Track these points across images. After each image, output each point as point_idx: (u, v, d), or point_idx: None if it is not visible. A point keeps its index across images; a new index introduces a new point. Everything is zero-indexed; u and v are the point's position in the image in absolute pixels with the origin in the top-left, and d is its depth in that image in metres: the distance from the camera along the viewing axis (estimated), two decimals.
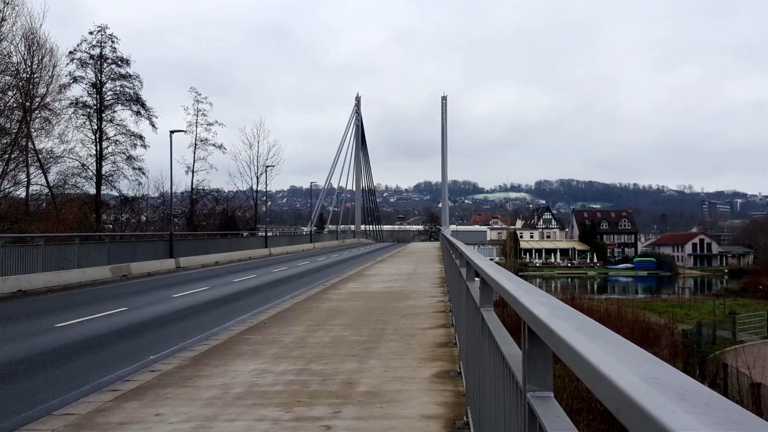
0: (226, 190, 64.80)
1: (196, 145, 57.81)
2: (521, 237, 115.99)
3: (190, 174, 57.60)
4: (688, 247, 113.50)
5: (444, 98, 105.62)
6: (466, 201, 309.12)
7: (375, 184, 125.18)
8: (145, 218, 54.44)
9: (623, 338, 1.33)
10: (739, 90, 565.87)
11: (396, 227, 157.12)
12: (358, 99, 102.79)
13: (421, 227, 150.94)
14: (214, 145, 58.41)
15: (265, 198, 68.73)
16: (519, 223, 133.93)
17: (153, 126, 48.53)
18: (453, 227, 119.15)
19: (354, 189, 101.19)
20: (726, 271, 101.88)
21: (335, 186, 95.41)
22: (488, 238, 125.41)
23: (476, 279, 4.70)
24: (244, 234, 51.72)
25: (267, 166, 60.98)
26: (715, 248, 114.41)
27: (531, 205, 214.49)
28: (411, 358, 8.75)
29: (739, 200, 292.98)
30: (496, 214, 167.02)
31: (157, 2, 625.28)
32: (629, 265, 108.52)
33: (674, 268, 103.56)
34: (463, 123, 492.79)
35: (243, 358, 9.03)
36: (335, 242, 72.92)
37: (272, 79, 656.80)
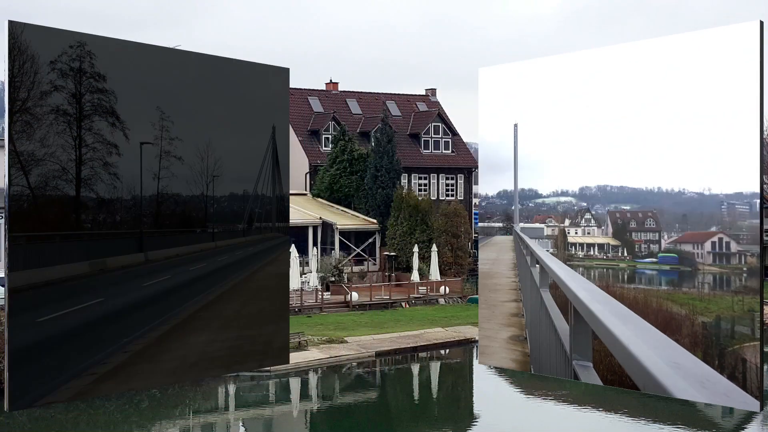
0: (184, 195, 66.14)
1: (161, 156, 58.91)
2: (569, 233, 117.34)
3: (157, 180, 58.76)
4: (708, 245, 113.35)
5: (516, 126, 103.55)
6: (530, 204, 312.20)
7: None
8: (119, 218, 55.45)
9: (650, 324, 1.65)
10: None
11: (486, 224, 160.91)
12: None
13: (501, 224, 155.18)
14: (174, 156, 59.53)
15: (212, 201, 69.93)
16: (567, 222, 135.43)
17: (126, 137, 49.18)
18: (521, 225, 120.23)
19: None
20: (745, 269, 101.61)
21: None
22: (545, 234, 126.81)
23: (537, 265, 5.45)
24: (197, 231, 53.07)
25: (214, 176, 62.08)
26: (734, 247, 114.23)
27: (576, 207, 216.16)
28: (494, 323, 9.49)
29: (757, 200, 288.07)
30: (550, 215, 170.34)
31: None
32: (654, 259, 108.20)
33: (694, 264, 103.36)
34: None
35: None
36: None
37: None
